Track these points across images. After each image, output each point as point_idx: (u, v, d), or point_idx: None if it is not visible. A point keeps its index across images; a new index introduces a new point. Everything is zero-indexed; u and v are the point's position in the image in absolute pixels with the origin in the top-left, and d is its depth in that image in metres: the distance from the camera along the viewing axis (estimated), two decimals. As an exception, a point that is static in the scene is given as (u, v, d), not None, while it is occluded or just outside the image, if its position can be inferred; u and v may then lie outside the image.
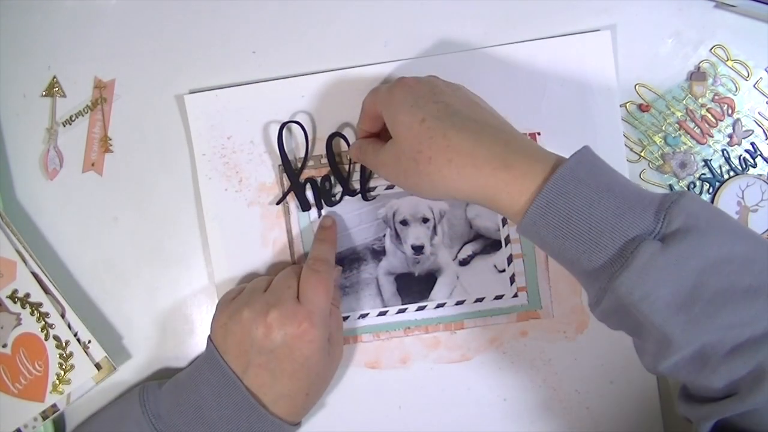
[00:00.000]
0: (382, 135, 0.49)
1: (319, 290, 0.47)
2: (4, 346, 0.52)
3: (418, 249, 0.53)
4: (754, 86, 0.52)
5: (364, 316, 0.54)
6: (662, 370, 0.36)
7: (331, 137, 0.52)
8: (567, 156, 0.39)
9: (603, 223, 0.36)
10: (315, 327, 0.46)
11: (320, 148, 0.53)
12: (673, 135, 0.53)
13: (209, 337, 0.49)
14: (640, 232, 0.35)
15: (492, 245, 0.53)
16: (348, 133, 0.53)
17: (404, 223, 0.53)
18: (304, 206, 0.53)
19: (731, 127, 0.52)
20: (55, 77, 0.54)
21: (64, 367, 0.52)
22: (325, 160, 0.53)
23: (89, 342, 0.52)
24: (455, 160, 0.39)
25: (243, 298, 0.48)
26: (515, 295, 0.53)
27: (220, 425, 0.46)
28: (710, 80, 0.52)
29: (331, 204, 0.53)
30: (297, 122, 0.52)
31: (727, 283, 0.34)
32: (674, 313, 0.34)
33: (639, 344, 0.39)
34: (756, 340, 0.34)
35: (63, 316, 0.52)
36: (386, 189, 0.53)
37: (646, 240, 0.35)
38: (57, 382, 0.52)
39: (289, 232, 0.53)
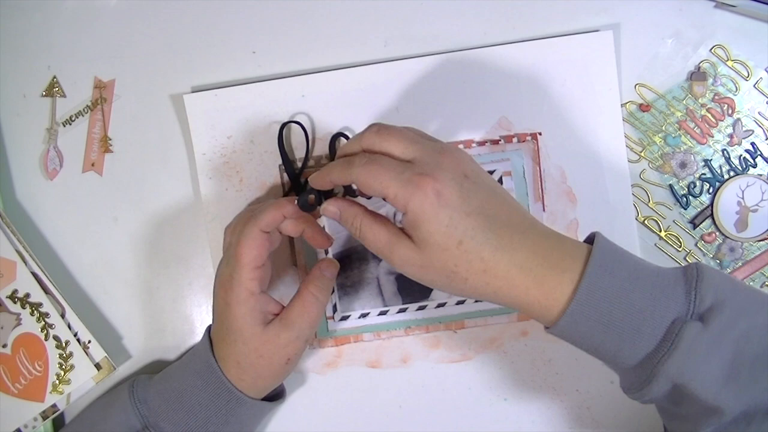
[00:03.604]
0: None
1: (236, 252, 0.45)
2: (4, 346, 0.51)
3: (418, 249, 0.53)
4: (754, 86, 0.52)
5: (364, 315, 0.54)
6: None
7: (335, 137, 0.52)
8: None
9: (642, 312, 0.37)
10: (234, 297, 0.45)
11: (320, 148, 0.53)
12: (673, 135, 0.53)
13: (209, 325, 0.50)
14: (678, 314, 0.37)
15: (492, 245, 0.53)
16: (350, 134, 0.53)
17: (405, 222, 0.53)
18: (305, 206, 0.53)
19: (731, 127, 0.52)
20: (55, 77, 0.54)
21: (64, 367, 0.52)
22: (326, 160, 0.53)
23: (89, 342, 0.52)
24: (491, 284, 0.39)
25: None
26: (516, 295, 0.53)
27: (198, 409, 0.46)
28: (710, 80, 0.52)
29: (332, 204, 0.53)
30: (297, 122, 0.52)
31: (760, 348, 0.37)
32: (723, 386, 0.36)
33: (673, 411, 0.40)
34: None
35: (63, 316, 0.52)
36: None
37: (688, 322, 0.37)
38: (57, 382, 0.52)
39: (289, 231, 0.53)
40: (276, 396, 0.51)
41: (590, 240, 0.40)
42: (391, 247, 0.40)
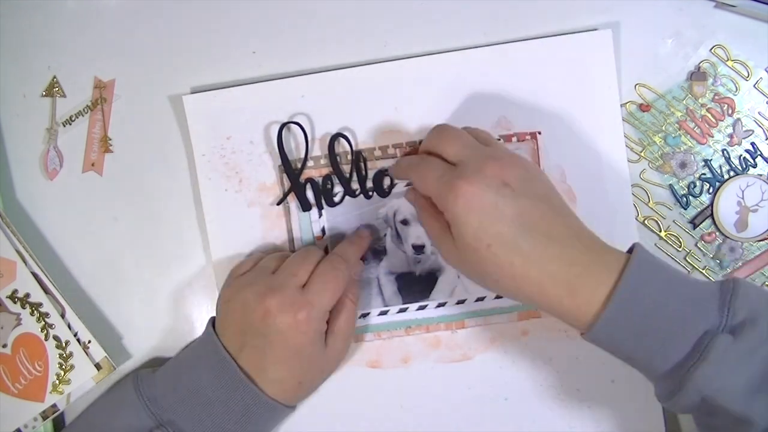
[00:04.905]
0: None
1: (328, 287, 0.47)
2: (4, 346, 0.51)
3: (418, 248, 0.53)
4: (754, 86, 0.52)
5: (365, 315, 0.54)
6: None
7: (333, 138, 0.52)
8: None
9: (674, 323, 0.38)
10: (311, 320, 0.45)
11: (320, 148, 0.53)
12: (673, 135, 0.53)
13: (211, 317, 0.50)
14: (709, 326, 0.38)
15: (492, 245, 0.53)
16: (350, 134, 0.53)
17: (405, 222, 0.53)
18: (305, 206, 0.53)
19: (731, 127, 0.52)
20: (55, 77, 0.54)
21: (64, 367, 0.52)
22: (325, 160, 0.53)
23: (89, 342, 0.52)
24: (523, 289, 0.41)
25: (250, 277, 0.48)
26: (516, 295, 0.53)
27: (216, 406, 0.46)
28: (710, 80, 0.52)
29: (332, 204, 0.53)
30: (297, 123, 0.52)
31: None
32: (751, 399, 0.36)
33: (708, 422, 0.40)
34: None
35: (63, 316, 0.52)
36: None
37: (719, 334, 0.37)
38: (57, 382, 0.52)
39: (289, 232, 0.53)
40: None
41: (632, 250, 0.41)
42: (440, 240, 0.45)
